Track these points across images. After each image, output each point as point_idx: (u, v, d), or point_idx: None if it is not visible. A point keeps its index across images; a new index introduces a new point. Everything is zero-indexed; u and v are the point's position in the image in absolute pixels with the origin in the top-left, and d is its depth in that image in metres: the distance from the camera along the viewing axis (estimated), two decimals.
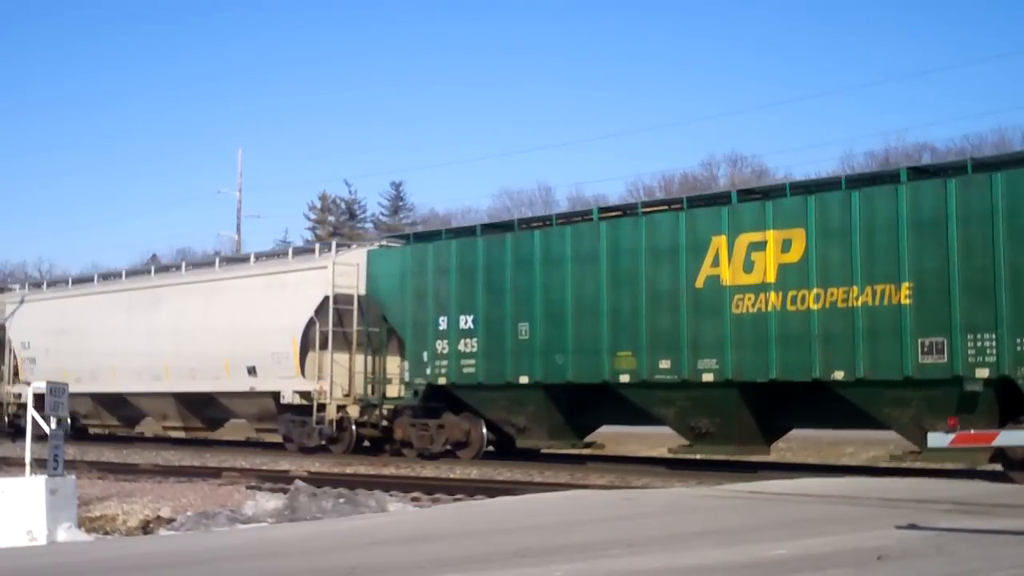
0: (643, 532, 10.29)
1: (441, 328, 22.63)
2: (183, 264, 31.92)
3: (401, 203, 78.59)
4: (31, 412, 12.96)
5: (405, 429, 23.73)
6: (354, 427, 25.08)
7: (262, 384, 26.33)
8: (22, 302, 35.30)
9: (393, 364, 24.66)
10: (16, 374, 34.90)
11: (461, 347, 22.23)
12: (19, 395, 33.59)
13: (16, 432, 33.25)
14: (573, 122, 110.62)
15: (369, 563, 8.89)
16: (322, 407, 24.90)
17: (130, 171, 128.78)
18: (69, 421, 30.73)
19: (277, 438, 27.70)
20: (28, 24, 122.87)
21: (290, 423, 26.05)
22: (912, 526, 9.69)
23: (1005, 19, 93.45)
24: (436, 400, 23.21)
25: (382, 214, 78.58)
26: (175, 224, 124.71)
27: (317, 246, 27.14)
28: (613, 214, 20.94)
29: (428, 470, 21.16)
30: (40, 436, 12.86)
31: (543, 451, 23.86)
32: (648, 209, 20.50)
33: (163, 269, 32.82)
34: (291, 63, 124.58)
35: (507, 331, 21.52)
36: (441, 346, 22.60)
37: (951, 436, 15.04)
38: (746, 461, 20.86)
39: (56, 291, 35.12)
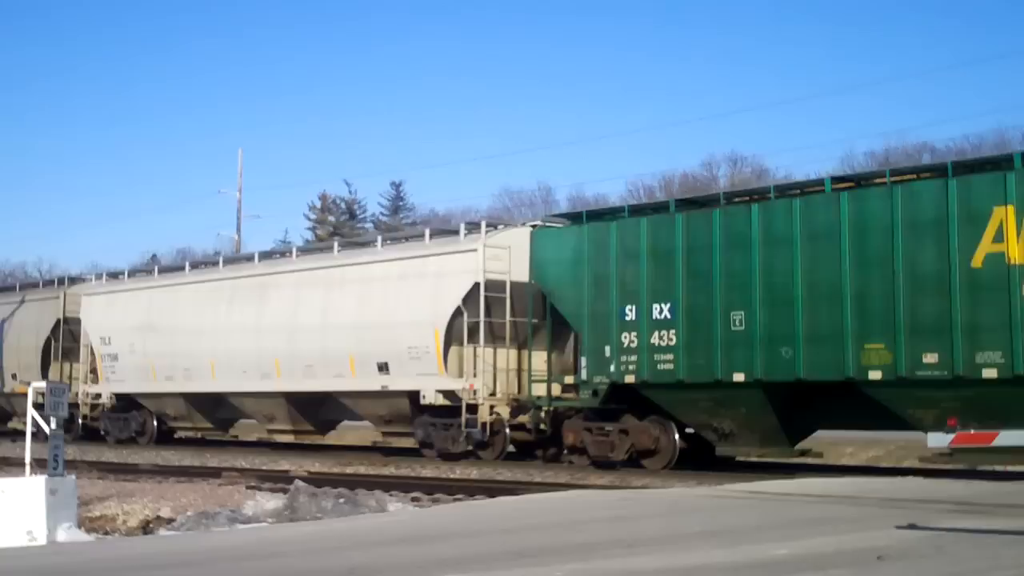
0: (643, 532, 10.29)
1: (628, 319, 19.70)
2: (294, 250, 28.54)
3: (401, 203, 78.60)
4: (31, 412, 12.92)
5: (578, 434, 20.70)
6: (507, 431, 22.55)
7: (396, 383, 23.45)
8: (100, 294, 32.11)
9: (539, 359, 22.04)
10: (92, 372, 32.05)
11: (655, 340, 19.37)
12: (98, 396, 31.52)
13: (91, 437, 31.56)
14: (573, 122, 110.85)
15: (369, 563, 8.89)
16: (472, 408, 22.16)
17: (130, 171, 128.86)
18: (156, 423, 30.68)
19: (408, 442, 24.88)
20: (28, 24, 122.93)
21: (429, 427, 23.23)
22: (912, 526, 9.68)
23: (1005, 19, 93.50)
24: (616, 400, 20.23)
25: (382, 214, 78.61)
26: (175, 224, 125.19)
27: (462, 227, 23.78)
28: (844, 185, 18.32)
29: (428, 470, 21.16)
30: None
31: (743, 459, 20.60)
32: (898, 178, 17.61)
33: (267, 256, 29.35)
34: (291, 63, 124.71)
35: (716, 321, 18.61)
36: (628, 339, 19.71)
37: (951, 436, 15.11)
38: (743, 462, 20.79)
39: (140, 281, 31.83)
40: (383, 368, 23.72)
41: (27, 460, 12.57)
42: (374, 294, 24.05)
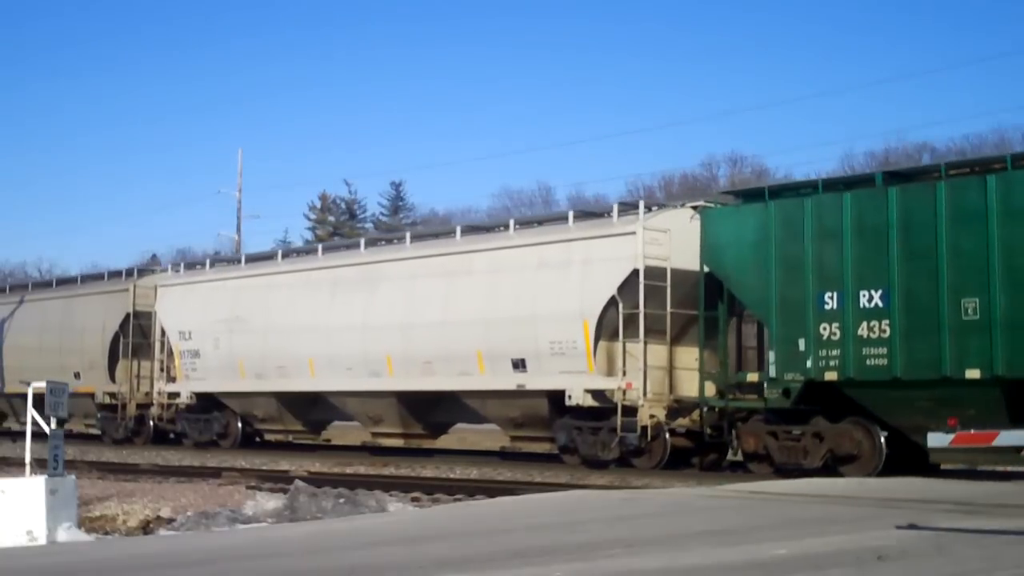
0: (643, 532, 10.29)
1: (828, 307, 17.43)
2: (407, 236, 25.18)
3: (401, 203, 78.60)
4: (31, 411, 12.91)
5: (759, 439, 18.23)
6: (668, 435, 19.98)
7: (535, 381, 21.06)
8: (177, 285, 29.54)
9: (688, 355, 20.08)
10: (164, 370, 29.50)
11: (863, 332, 17.07)
12: (176, 395, 28.89)
13: (162, 439, 29.99)
14: (573, 122, 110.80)
15: (369, 563, 8.89)
16: (628, 410, 19.69)
17: (130, 171, 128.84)
18: (240, 425, 28.27)
19: (541, 447, 22.53)
20: (28, 24, 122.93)
21: (573, 430, 20.75)
22: (912, 526, 9.69)
23: (1005, 19, 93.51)
24: (805, 401, 17.85)
25: (382, 214, 78.60)
26: (175, 224, 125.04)
27: (615, 207, 21.18)
28: None
29: (428, 470, 21.16)
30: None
31: (949, 467, 18.46)
32: None
33: (373, 243, 26.54)
34: (291, 63, 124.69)
35: (942, 309, 16.31)
36: (827, 331, 17.46)
37: (951, 436, 15.10)
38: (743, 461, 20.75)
39: (225, 271, 29.09)
40: (519, 365, 21.36)
41: (27, 460, 12.57)
42: (507, 284, 21.66)
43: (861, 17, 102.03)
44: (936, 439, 15.46)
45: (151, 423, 29.87)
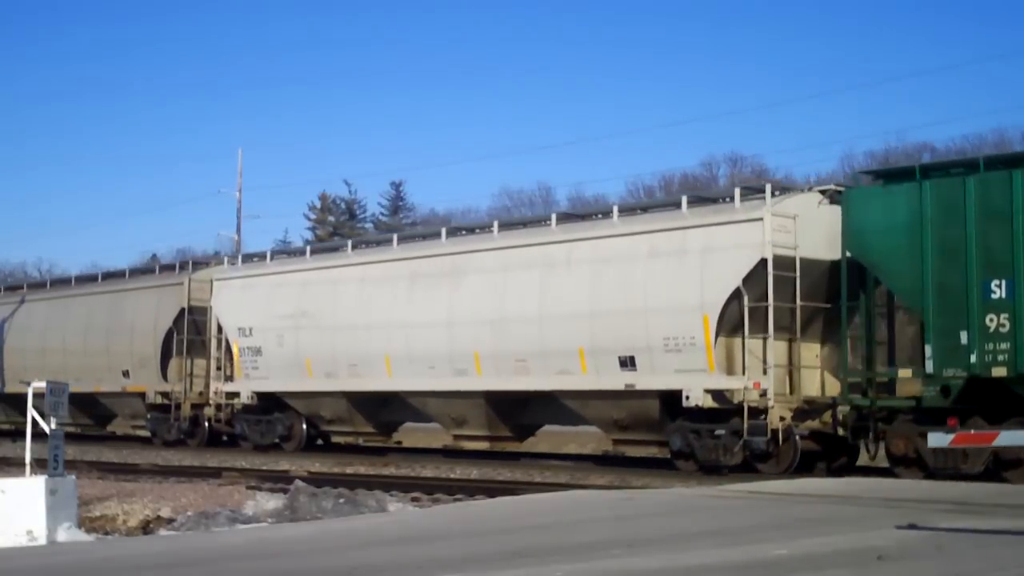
0: (643, 532, 10.29)
1: (995, 296, 16.02)
2: (495, 225, 23.20)
3: (401, 203, 78.62)
4: (31, 411, 12.91)
5: (909, 441, 16.63)
6: (798, 439, 18.45)
7: (646, 380, 19.56)
8: (236, 279, 27.71)
9: (809, 352, 18.72)
10: (220, 368, 27.73)
11: None
12: (235, 395, 27.01)
13: (215, 442, 28.54)
14: (573, 122, 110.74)
15: (369, 563, 8.89)
16: (756, 412, 18.26)
17: (130, 171, 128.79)
18: (305, 427, 26.52)
19: (647, 452, 21.33)
20: (28, 24, 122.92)
21: (690, 434, 19.17)
22: (912, 526, 9.69)
23: (1005, 19, 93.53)
24: (963, 399, 16.46)
25: (382, 214, 78.62)
26: (175, 224, 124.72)
27: (737, 192, 19.47)
28: None
29: (428, 470, 21.15)
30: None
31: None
32: None
33: (455, 232, 24.59)
34: (291, 63, 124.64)
35: None
36: (995, 322, 16.02)
37: (951, 436, 15.10)
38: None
39: (288, 263, 27.22)
40: (627, 363, 19.75)
41: (27, 460, 12.57)
42: (613, 275, 20.03)
43: (861, 17, 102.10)
44: (936, 439, 15.47)
45: (206, 424, 28.30)
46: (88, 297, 31.97)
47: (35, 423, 12.78)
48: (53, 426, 12.68)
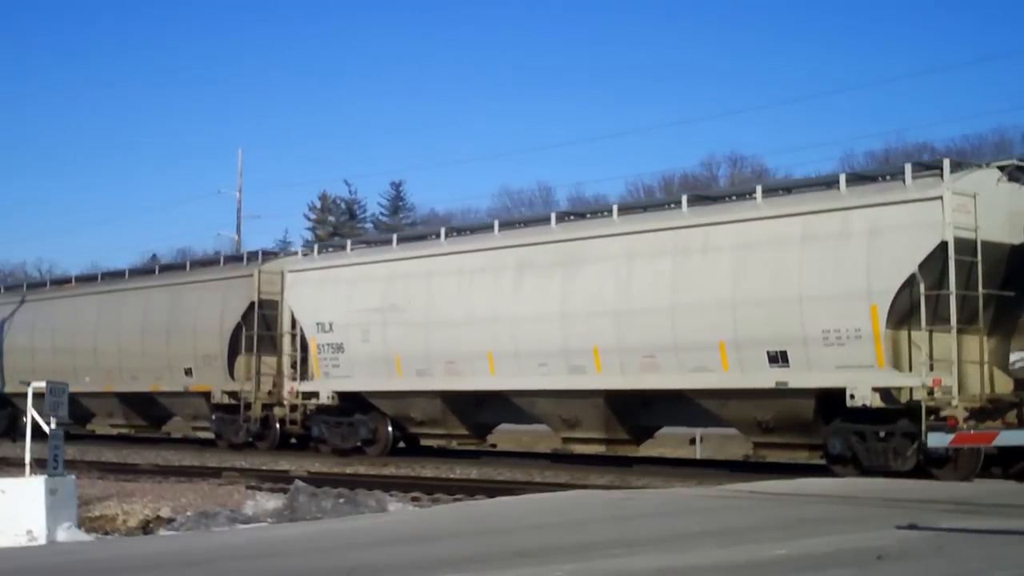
0: (643, 532, 10.29)
1: None
2: (614, 209, 20.90)
3: (401, 203, 78.72)
4: (30, 411, 12.92)
5: None
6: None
7: (802, 378, 17.60)
8: (312, 270, 25.45)
9: (971, 344, 16.83)
10: (295, 365, 25.51)
11: None
12: (312, 395, 24.84)
13: (286, 444, 26.73)
14: (573, 122, 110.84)
15: (369, 563, 8.89)
16: (932, 412, 16.27)
17: (130, 171, 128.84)
18: (391, 429, 24.17)
19: (796, 456, 18.95)
20: (28, 24, 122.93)
21: (852, 436, 17.26)
22: (912, 526, 9.69)
23: (1005, 19, 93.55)
24: None
25: (382, 214, 78.70)
26: (175, 224, 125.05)
27: (908, 168, 17.45)
28: None
29: (428, 470, 21.14)
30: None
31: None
32: None
33: (564, 216, 22.32)
34: (291, 63, 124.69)
35: None
36: None
37: (951, 436, 15.11)
38: (744, 462, 20.74)
39: (373, 252, 24.77)
40: (777, 359, 17.90)
41: (27, 460, 12.57)
42: (759, 261, 18.22)
43: (861, 17, 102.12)
44: (936, 439, 15.48)
45: (277, 426, 26.26)
46: (144, 291, 29.82)
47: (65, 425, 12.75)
48: (53, 426, 12.67)
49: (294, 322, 25.47)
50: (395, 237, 25.00)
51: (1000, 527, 9.72)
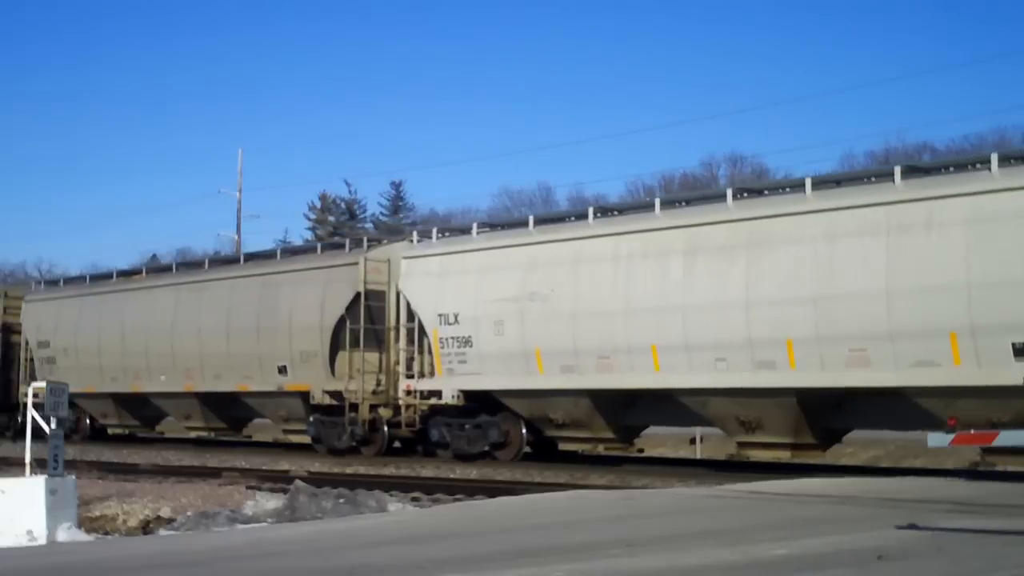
0: (643, 532, 10.29)
1: None
2: (807, 181, 18.34)
3: (401, 203, 78.69)
4: (31, 411, 12.91)
5: None
6: None
7: None
8: (428, 256, 22.99)
9: None
10: (412, 361, 23.23)
11: None
12: (433, 394, 22.35)
13: (392, 451, 24.61)
14: (573, 122, 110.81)
15: (369, 563, 8.89)
16: None
17: (130, 171, 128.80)
18: (525, 432, 21.55)
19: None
20: (28, 23, 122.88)
21: None
22: (912, 526, 9.68)
23: (1005, 19, 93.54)
24: None
25: (382, 214, 78.68)
26: (175, 224, 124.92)
27: None
28: None
29: (428, 470, 21.13)
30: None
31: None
32: None
33: (740, 194, 19.39)
34: (291, 63, 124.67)
35: None
36: None
37: (951, 436, 15.12)
38: (744, 462, 20.79)
39: (504, 236, 22.31)
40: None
41: (27, 460, 12.57)
42: (1004, 237, 15.97)
43: (861, 17, 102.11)
44: (936, 439, 15.47)
45: (385, 429, 23.95)
46: (229, 283, 27.25)
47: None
48: (53, 426, 12.68)
49: (410, 314, 23.00)
50: (531, 219, 22.28)
51: (1000, 527, 9.72)
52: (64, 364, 30.88)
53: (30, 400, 12.98)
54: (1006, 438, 14.65)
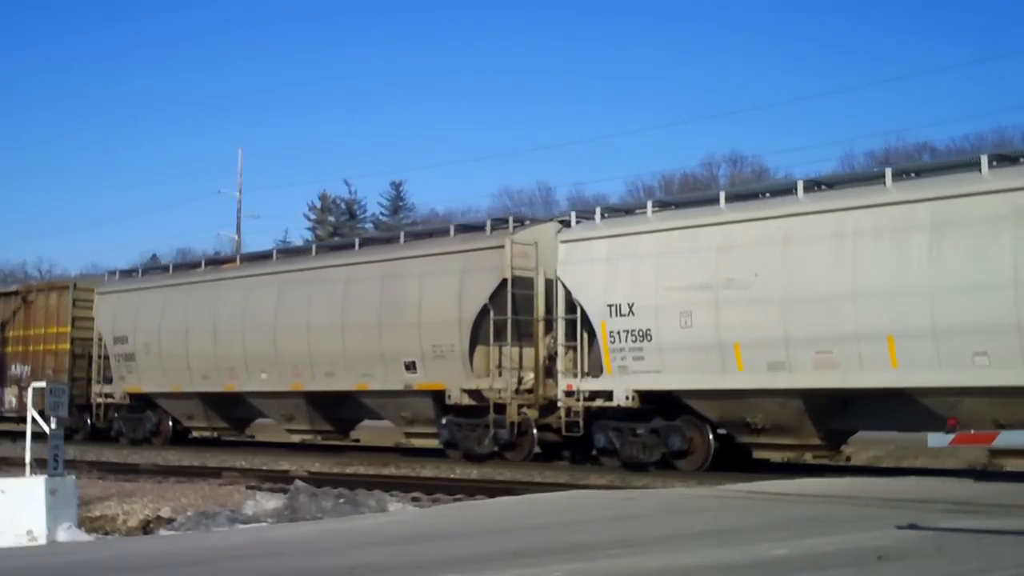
0: (643, 532, 10.29)
1: None
2: (982, 161, 16.47)
3: (401, 203, 78.76)
4: (30, 411, 12.90)
5: None
6: None
7: None
8: (596, 239, 20.12)
9: None
10: (548, 359, 21.21)
11: None
12: (601, 394, 19.75)
13: (556, 455, 22.06)
14: (573, 122, 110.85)
15: (369, 563, 8.89)
16: None
17: (130, 171, 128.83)
18: (711, 437, 18.50)
19: None
20: (28, 23, 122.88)
21: None
22: (912, 526, 9.69)
23: (1005, 19, 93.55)
24: None
25: (382, 214, 78.74)
26: (175, 224, 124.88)
27: None
28: None
29: (428, 470, 21.12)
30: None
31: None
32: None
33: (995, 160, 16.62)
34: (291, 63, 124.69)
35: None
36: None
37: (951, 436, 15.12)
38: (748, 462, 20.73)
39: (687, 216, 19.33)
40: None
41: (27, 460, 12.57)
42: None
43: (861, 17, 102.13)
44: (936, 439, 15.46)
45: (534, 432, 21.53)
46: (344, 270, 24.51)
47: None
48: (53, 426, 12.68)
49: (569, 304, 20.29)
50: (722, 195, 19.16)
51: (1000, 527, 9.72)
52: (145, 362, 28.58)
53: (30, 399, 12.94)
54: (1006, 438, 14.66)
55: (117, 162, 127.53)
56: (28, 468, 12.53)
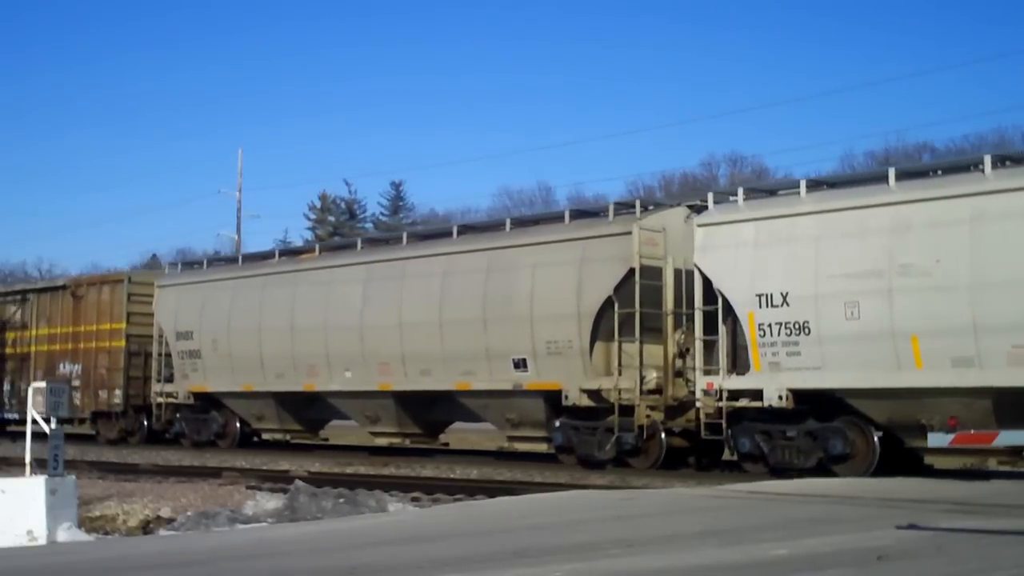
0: (643, 532, 10.29)
1: None
2: None
3: (401, 203, 78.80)
4: (31, 411, 12.89)
5: None
6: None
7: None
8: (743, 222, 18.02)
9: None
10: (680, 356, 19.45)
11: None
12: (746, 394, 17.77)
13: (682, 461, 20.00)
14: (573, 122, 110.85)
15: (369, 563, 8.89)
16: None
17: (130, 171, 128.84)
18: (876, 440, 16.08)
19: None
20: (28, 23, 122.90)
21: None
22: (912, 526, 9.69)
23: (1005, 19, 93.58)
24: None
25: (382, 214, 78.78)
26: (175, 224, 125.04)
27: None
28: None
29: (428, 470, 21.12)
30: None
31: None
32: None
33: None
34: (291, 63, 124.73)
35: None
36: None
37: (951, 436, 15.11)
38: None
39: (844, 196, 17.38)
40: None
41: (27, 460, 12.57)
42: None
43: (861, 17, 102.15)
44: (936, 439, 15.46)
45: (662, 436, 19.42)
46: (442, 259, 22.54)
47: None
48: (53, 426, 12.67)
49: (719, 295, 18.14)
50: (892, 171, 17.14)
51: (1000, 527, 9.72)
52: (211, 359, 26.80)
53: (30, 399, 12.93)
54: (1006, 438, 14.66)
55: (117, 162, 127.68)
56: (28, 468, 12.53)
